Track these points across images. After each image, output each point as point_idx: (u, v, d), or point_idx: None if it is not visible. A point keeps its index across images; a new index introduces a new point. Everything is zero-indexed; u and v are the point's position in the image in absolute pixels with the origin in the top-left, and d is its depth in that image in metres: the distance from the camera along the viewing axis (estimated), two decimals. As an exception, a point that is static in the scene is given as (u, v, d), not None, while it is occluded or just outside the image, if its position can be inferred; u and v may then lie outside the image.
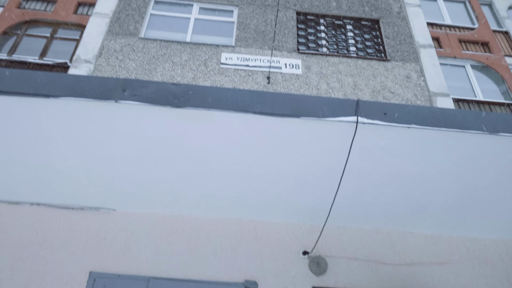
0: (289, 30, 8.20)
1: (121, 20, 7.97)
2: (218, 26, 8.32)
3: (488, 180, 3.37)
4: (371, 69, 7.79)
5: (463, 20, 9.93)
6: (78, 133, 3.27)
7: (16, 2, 8.80)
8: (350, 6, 8.83)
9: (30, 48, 8.29)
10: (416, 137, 2.90)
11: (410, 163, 3.20)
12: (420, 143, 2.97)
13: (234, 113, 2.79)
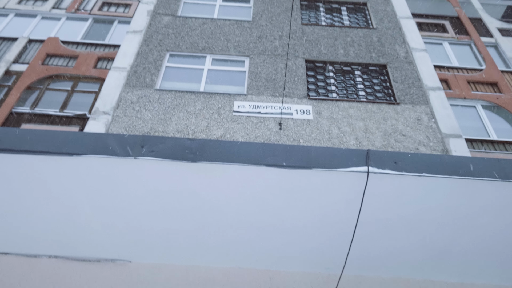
0: (299, 78, 8.53)
1: (138, 73, 8.43)
2: (231, 76, 8.71)
3: (506, 226, 3.34)
4: (381, 112, 7.95)
5: (470, 62, 10.17)
6: (97, 188, 3.42)
7: (40, 58, 9.42)
8: (357, 53, 9.19)
9: (51, 101, 8.75)
10: (428, 185, 2.95)
11: (424, 210, 3.22)
12: (432, 190, 3.01)
13: (247, 166, 2.90)
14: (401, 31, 9.98)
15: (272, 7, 10.42)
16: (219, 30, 9.61)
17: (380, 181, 3.05)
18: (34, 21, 10.81)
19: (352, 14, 10.82)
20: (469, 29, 11.02)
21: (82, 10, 11.16)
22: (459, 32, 11.07)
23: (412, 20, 10.32)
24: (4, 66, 9.23)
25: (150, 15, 9.89)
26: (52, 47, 9.73)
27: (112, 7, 11.40)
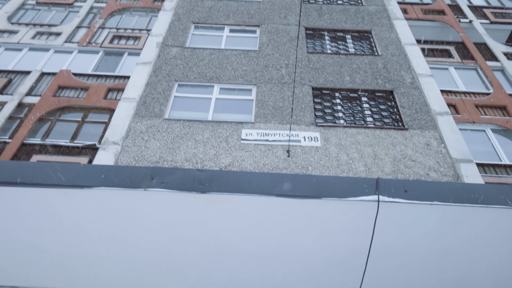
0: (306, 105, 8.64)
1: (147, 103, 8.63)
2: (238, 104, 8.87)
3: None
4: (389, 138, 7.97)
5: (477, 86, 10.24)
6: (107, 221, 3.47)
7: (52, 91, 9.70)
8: (363, 80, 9.32)
9: (62, 132, 8.94)
10: (440, 214, 2.94)
11: (438, 240, 3.18)
12: (445, 219, 2.99)
13: (257, 196, 2.94)
14: (406, 57, 10.14)
15: (278, 37, 10.70)
16: (226, 60, 9.86)
17: (391, 210, 3.04)
18: (47, 54, 11.22)
19: (357, 41, 11.06)
20: (474, 53, 11.16)
21: (93, 43, 11.58)
22: (464, 57, 11.21)
23: (416, 46, 10.50)
24: (17, 99, 9.52)
25: (159, 47, 10.21)
26: (64, 79, 10.04)
27: (122, 40, 11.81)
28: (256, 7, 12.02)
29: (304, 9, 11.84)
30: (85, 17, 12.97)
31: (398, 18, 11.68)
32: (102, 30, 12.26)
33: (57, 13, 13.28)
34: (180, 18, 11.47)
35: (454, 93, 9.88)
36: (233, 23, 11.37)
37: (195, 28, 11.31)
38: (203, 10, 11.88)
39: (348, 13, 11.91)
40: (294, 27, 11.11)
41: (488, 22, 13.08)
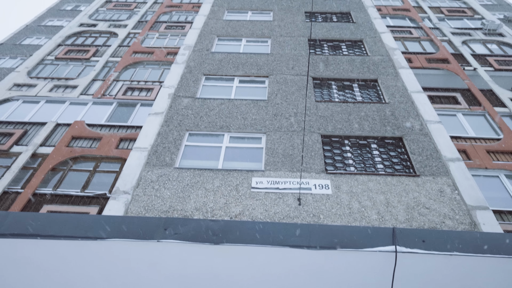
0: (315, 152, 8.75)
1: (159, 152, 8.82)
2: (248, 153, 9.02)
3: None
4: (401, 185, 7.95)
5: (487, 132, 10.32)
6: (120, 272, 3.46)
7: (66, 141, 10.01)
8: (372, 127, 9.49)
9: (73, 181, 9.10)
10: (461, 265, 2.89)
11: (459, 292, 3.09)
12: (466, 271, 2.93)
13: (271, 248, 2.94)
14: (413, 104, 10.37)
15: (286, 87, 11.10)
16: (236, 110, 10.18)
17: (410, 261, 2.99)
18: (63, 106, 11.72)
19: (364, 90, 11.39)
20: (481, 100, 11.37)
21: (107, 95, 12.11)
22: (471, 103, 11.41)
23: (423, 93, 10.77)
24: (32, 149, 9.82)
25: (171, 98, 10.63)
26: (78, 130, 10.40)
27: (136, 92, 12.34)
28: (264, 59, 12.60)
29: (311, 60, 12.36)
30: (100, 71, 13.69)
31: (403, 67, 12.10)
32: (117, 82, 12.86)
33: (74, 67, 14.05)
34: (191, 70, 12.03)
35: (464, 139, 9.96)
36: (242, 74, 11.88)
37: (206, 79, 11.82)
38: (214, 62, 12.48)
39: (354, 63, 12.39)
40: (302, 77, 11.54)
41: (492, 70, 13.45)
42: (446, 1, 20.17)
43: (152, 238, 3.18)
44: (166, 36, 16.20)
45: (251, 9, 16.76)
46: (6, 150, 9.89)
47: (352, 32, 14.51)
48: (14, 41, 16.96)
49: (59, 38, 16.05)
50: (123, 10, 19.23)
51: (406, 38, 15.69)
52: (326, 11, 16.58)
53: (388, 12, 18.12)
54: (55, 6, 21.05)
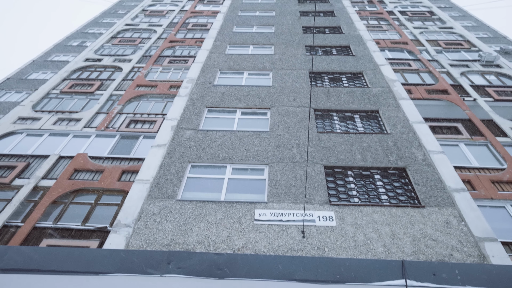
0: (318, 184, 8.73)
1: (161, 184, 8.82)
2: (251, 184, 9.00)
3: None
4: (406, 216, 7.87)
5: (490, 162, 10.33)
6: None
7: (68, 174, 10.03)
8: (375, 158, 9.51)
9: (74, 214, 9.05)
10: (471, 298, 2.82)
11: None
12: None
13: (277, 282, 2.89)
14: (415, 135, 10.44)
15: (288, 118, 11.24)
16: (238, 141, 10.26)
17: (421, 295, 2.92)
18: (66, 139, 11.84)
19: (365, 121, 11.51)
20: (483, 130, 11.45)
21: (111, 128, 12.26)
22: (473, 133, 11.48)
23: (424, 124, 10.87)
24: (34, 182, 9.83)
25: (173, 130, 10.75)
26: (80, 162, 10.45)
27: (139, 124, 12.49)
28: (266, 91, 12.83)
29: (312, 92, 12.58)
30: (104, 104, 13.93)
31: (403, 98, 12.28)
32: (120, 115, 13.05)
33: (78, 100, 14.33)
34: (194, 102, 12.24)
35: (467, 169, 9.94)
36: (244, 106, 12.06)
37: (208, 111, 11.99)
38: (216, 95, 12.72)
39: (354, 94, 12.59)
40: (304, 108, 11.71)
41: (492, 100, 13.63)
42: (442, 35, 20.75)
43: (155, 272, 3.13)
44: (170, 70, 16.60)
45: (252, 44, 17.26)
46: (8, 183, 9.90)
47: (352, 65, 14.86)
48: (20, 76, 17.39)
49: (64, 72, 16.45)
50: (128, 45, 19.82)
51: (405, 70, 16.02)
52: (326, 44, 17.05)
53: (386, 45, 18.62)
54: (61, 42, 21.72)
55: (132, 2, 30.64)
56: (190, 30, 21.38)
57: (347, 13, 21.24)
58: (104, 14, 27.30)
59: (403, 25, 22.24)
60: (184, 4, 26.66)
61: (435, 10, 24.60)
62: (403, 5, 26.18)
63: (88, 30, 23.96)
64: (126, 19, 23.50)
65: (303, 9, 22.12)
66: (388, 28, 21.36)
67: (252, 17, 21.04)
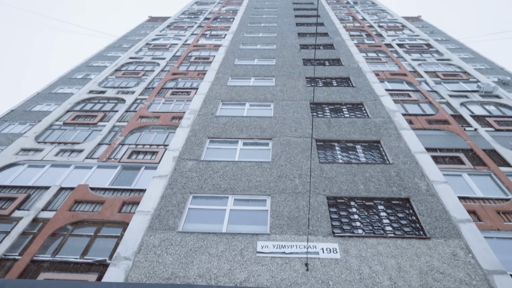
0: (321, 215, 8.64)
1: (162, 216, 8.75)
2: (253, 215, 8.92)
3: None
4: (412, 248, 7.73)
5: (495, 192, 10.25)
6: None
7: (68, 205, 9.97)
8: (378, 188, 9.47)
9: (73, 247, 8.92)
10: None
11: None
12: None
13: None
14: (418, 165, 10.44)
15: (289, 149, 11.29)
16: (240, 172, 10.25)
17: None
18: (67, 170, 11.85)
19: (367, 151, 11.54)
20: (485, 160, 11.45)
21: (112, 159, 12.30)
22: (476, 163, 11.47)
23: (427, 154, 10.89)
24: (33, 214, 9.76)
25: (175, 161, 10.78)
26: (81, 194, 10.41)
27: (140, 155, 12.54)
28: (268, 122, 12.97)
29: (313, 122, 12.71)
30: (107, 135, 14.06)
31: (404, 128, 12.37)
32: (122, 146, 13.14)
33: (81, 132, 14.47)
34: (196, 133, 12.34)
35: (472, 200, 9.86)
36: (246, 137, 12.15)
37: (210, 142, 12.07)
38: (218, 126, 12.84)
39: (355, 125, 12.70)
40: (305, 139, 11.78)
41: (493, 130, 13.72)
42: (441, 66, 21.18)
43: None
44: (172, 101, 16.85)
45: (254, 75, 17.62)
46: (7, 215, 9.83)
47: (352, 96, 15.08)
48: (24, 108, 17.66)
49: (68, 104, 16.72)
50: (131, 77, 20.24)
51: (405, 100, 16.24)
52: (326, 76, 17.38)
53: (386, 77, 18.97)
54: (66, 74, 22.22)
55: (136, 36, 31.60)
56: (193, 63, 21.89)
57: (346, 46, 21.79)
58: (108, 48, 28.08)
59: (402, 57, 22.76)
60: (187, 38, 27.45)
61: (432, 42, 25.24)
62: (400, 38, 26.89)
63: (92, 63, 24.57)
64: (130, 53, 24.13)
65: (303, 42, 22.73)
66: (387, 60, 21.84)
67: (254, 50, 21.59)
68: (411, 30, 29.02)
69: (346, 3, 40.22)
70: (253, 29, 26.39)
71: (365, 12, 35.65)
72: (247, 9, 33.35)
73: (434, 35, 29.49)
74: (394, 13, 34.59)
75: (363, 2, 40.60)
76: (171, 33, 29.18)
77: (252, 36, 24.69)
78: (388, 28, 29.83)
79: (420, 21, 35.27)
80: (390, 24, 30.97)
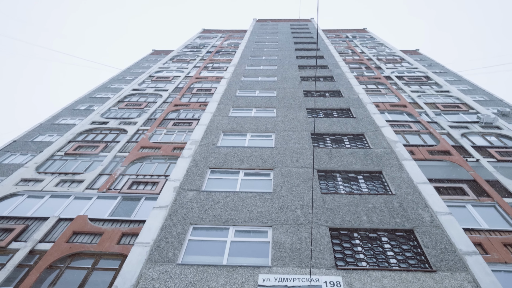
0: (324, 246, 8.50)
1: (161, 247, 8.61)
2: (254, 247, 8.78)
3: None
4: (418, 281, 7.55)
5: (500, 224, 10.14)
6: None
7: (66, 237, 9.86)
8: (381, 219, 9.36)
9: (70, 280, 8.76)
10: None
11: None
12: None
13: None
14: (421, 195, 10.36)
15: (291, 179, 11.26)
16: (241, 202, 10.18)
17: None
18: (67, 201, 11.81)
19: (369, 181, 11.50)
20: (489, 191, 11.38)
21: (113, 189, 12.27)
22: (479, 194, 11.40)
23: (429, 185, 10.83)
24: (30, 246, 9.63)
25: (176, 191, 10.73)
26: (80, 225, 10.32)
27: (141, 185, 12.52)
28: (269, 152, 13.01)
29: (315, 153, 12.74)
30: (108, 165, 14.10)
31: (406, 159, 12.38)
32: (123, 176, 13.14)
33: (82, 162, 14.52)
34: (197, 164, 12.36)
35: (477, 231, 9.72)
36: (247, 167, 12.15)
37: (211, 172, 12.06)
38: (219, 156, 12.88)
39: (357, 155, 12.73)
40: (307, 169, 11.77)
41: (495, 161, 13.73)
42: (440, 98, 21.49)
43: None
44: (174, 132, 17.01)
45: (255, 107, 17.85)
46: (4, 247, 9.69)
47: (353, 127, 15.20)
48: (27, 138, 17.81)
49: (70, 135, 16.87)
50: (134, 108, 20.54)
51: (406, 131, 16.37)
52: (327, 107, 17.60)
53: (386, 108, 19.21)
54: (69, 106, 22.57)
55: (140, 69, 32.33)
56: (195, 94, 22.27)
57: (346, 78, 22.21)
58: (112, 80, 28.67)
59: (401, 89, 23.14)
60: (189, 70, 28.07)
61: (431, 75, 25.73)
62: (399, 70, 27.45)
63: (96, 94, 25.02)
64: (133, 84, 24.60)
65: (304, 74, 23.19)
66: (387, 91, 22.20)
67: (255, 82, 22.00)
68: (409, 62, 29.66)
69: (345, 37, 41.39)
70: (254, 62, 27.01)
71: (364, 46, 36.61)
72: (249, 43, 34.27)
73: (432, 68, 30.11)
74: (392, 47, 35.49)
75: (362, 37, 41.78)
76: (174, 66, 29.87)
77: (253, 68, 25.23)
78: (387, 61, 30.52)
79: (418, 54, 36.13)
80: (389, 57, 31.71)
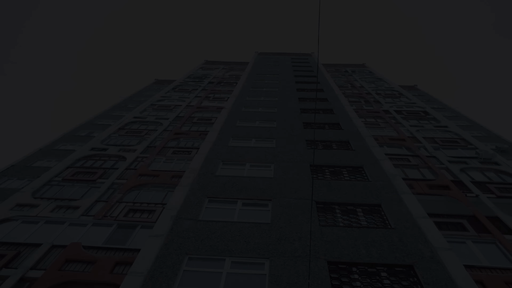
0: (322, 280, 8.31)
1: (155, 278, 8.40)
2: (250, 279, 8.59)
3: None
4: (419, 320, 7.30)
5: (501, 261, 9.98)
6: None
7: (58, 265, 9.65)
8: (380, 253, 9.21)
9: (59, 311, 8.41)
10: None
11: None
12: None
13: None
14: (420, 230, 10.24)
15: (289, 210, 11.16)
16: (238, 233, 10.04)
17: None
18: (61, 227, 11.64)
19: (368, 214, 11.39)
20: (489, 227, 11.27)
21: (109, 216, 12.12)
22: (479, 230, 11.29)
23: (429, 219, 10.73)
24: (21, 273, 9.43)
25: (172, 220, 10.60)
26: (73, 252, 10.13)
27: (137, 213, 12.39)
28: (268, 182, 12.97)
29: (313, 184, 12.68)
30: (105, 192, 14.00)
31: (405, 192, 12.33)
32: (119, 203, 13.02)
33: (79, 188, 14.42)
34: (195, 192, 12.28)
35: (478, 269, 9.54)
36: (245, 197, 12.07)
37: (209, 201, 11.96)
38: (218, 185, 12.82)
39: (356, 188, 12.68)
40: (305, 201, 11.69)
41: (494, 197, 13.67)
42: (438, 132, 21.70)
43: None
44: (173, 160, 17.02)
45: (255, 137, 17.97)
46: (-7, 274, 9.44)
47: (352, 159, 15.24)
48: (25, 163, 17.77)
49: (69, 160, 16.86)
50: (134, 136, 20.65)
51: (405, 165, 16.40)
52: (326, 139, 17.72)
53: (385, 142, 19.34)
54: (70, 132, 22.68)
55: (142, 97, 32.78)
56: (195, 123, 22.47)
57: (345, 111, 22.49)
58: (114, 108, 28.99)
59: (400, 123, 23.39)
60: (190, 100, 28.45)
61: (429, 110, 26.09)
62: (398, 105, 27.86)
63: (97, 121, 25.21)
64: (135, 112, 24.84)
65: (304, 106, 23.51)
66: (385, 125, 22.43)
67: (255, 112, 22.26)
68: (407, 97, 30.14)
69: (345, 71, 42.29)
70: (255, 93, 27.44)
71: (363, 80, 37.34)
72: (250, 75, 34.95)
73: (430, 103, 30.56)
74: (391, 82, 36.18)
75: (361, 72, 42.69)
76: (175, 95, 30.30)
77: (254, 99, 25.60)
78: (385, 95, 31.03)
79: (416, 90, 36.78)
80: (388, 92, 32.25)
